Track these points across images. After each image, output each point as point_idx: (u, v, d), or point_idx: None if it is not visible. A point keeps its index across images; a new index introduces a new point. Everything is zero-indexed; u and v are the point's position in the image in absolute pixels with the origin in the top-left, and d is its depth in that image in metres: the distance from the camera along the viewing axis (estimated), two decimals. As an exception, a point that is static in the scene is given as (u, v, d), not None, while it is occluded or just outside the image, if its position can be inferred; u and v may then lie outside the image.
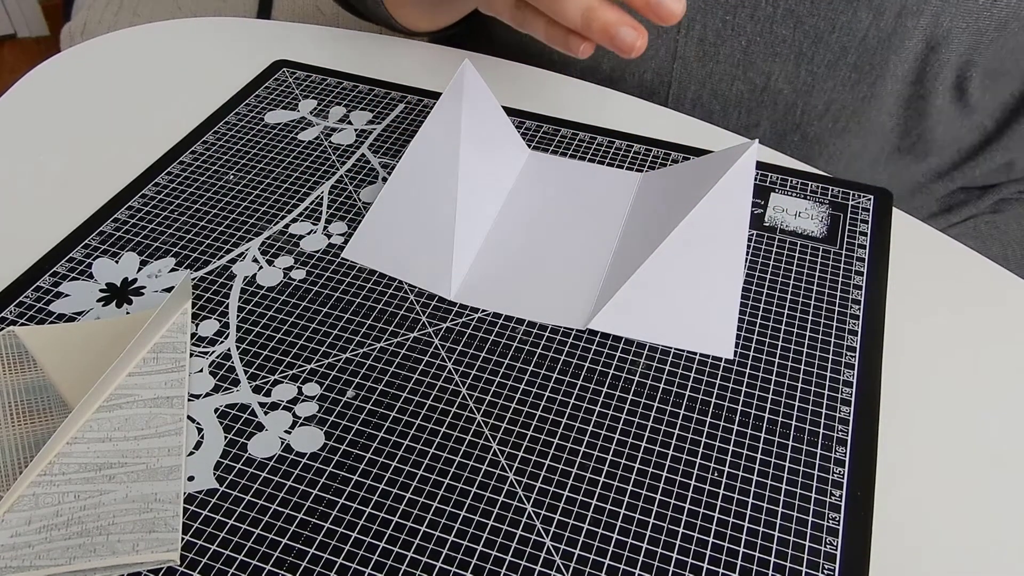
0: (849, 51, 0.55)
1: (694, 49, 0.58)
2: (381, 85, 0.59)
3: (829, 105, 0.58)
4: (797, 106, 0.59)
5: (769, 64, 0.57)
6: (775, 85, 0.58)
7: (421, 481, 0.37)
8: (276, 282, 0.45)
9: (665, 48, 0.59)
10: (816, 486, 0.37)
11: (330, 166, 0.53)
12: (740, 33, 0.56)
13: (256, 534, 0.35)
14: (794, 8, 0.54)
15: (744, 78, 0.58)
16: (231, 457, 0.38)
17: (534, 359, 0.42)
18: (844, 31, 0.54)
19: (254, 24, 0.67)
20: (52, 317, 0.43)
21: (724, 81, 0.59)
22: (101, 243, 0.48)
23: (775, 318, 0.44)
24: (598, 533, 0.35)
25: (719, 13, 0.56)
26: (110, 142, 0.55)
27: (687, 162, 0.50)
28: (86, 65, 0.62)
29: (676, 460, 0.38)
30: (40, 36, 2.05)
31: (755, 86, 0.59)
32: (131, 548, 0.34)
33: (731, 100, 0.60)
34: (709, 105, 0.61)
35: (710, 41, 0.57)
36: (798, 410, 0.40)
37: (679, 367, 0.42)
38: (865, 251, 0.47)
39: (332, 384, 0.41)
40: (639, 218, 0.48)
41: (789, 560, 0.34)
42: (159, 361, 0.41)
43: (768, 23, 0.55)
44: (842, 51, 0.55)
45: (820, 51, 0.55)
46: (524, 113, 0.57)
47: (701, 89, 0.60)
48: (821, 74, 0.57)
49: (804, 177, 0.52)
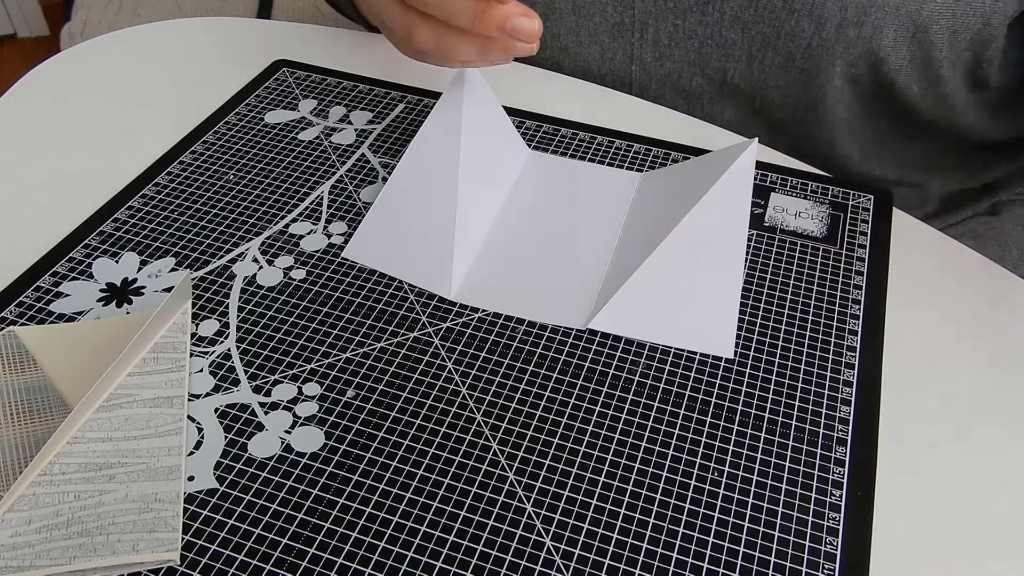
0: (796, 55, 0.55)
1: (650, 51, 0.59)
2: (381, 85, 0.59)
3: (785, 99, 0.58)
4: (755, 98, 0.59)
5: (723, 63, 0.58)
6: (732, 81, 0.59)
7: (421, 481, 0.37)
8: (276, 282, 0.45)
9: (622, 51, 0.59)
10: (816, 486, 0.37)
11: (330, 166, 0.53)
12: (692, 36, 0.57)
13: (256, 534, 0.35)
14: (740, 15, 0.55)
15: (702, 74, 0.59)
16: (231, 457, 0.38)
17: (534, 359, 0.42)
18: (788, 38, 0.55)
19: (254, 24, 0.67)
20: (52, 317, 0.43)
21: (684, 78, 0.60)
22: (101, 243, 0.48)
23: (775, 318, 0.44)
24: (598, 533, 0.35)
25: (670, 18, 0.57)
26: (110, 142, 0.55)
27: (687, 162, 0.50)
28: (86, 65, 0.62)
29: (676, 460, 0.38)
30: (40, 36, 2.05)
31: (713, 81, 0.59)
32: (131, 548, 0.34)
33: (692, 94, 0.61)
34: (672, 100, 0.61)
35: (664, 43, 0.58)
36: (798, 410, 0.40)
37: (679, 367, 0.42)
38: (865, 251, 0.47)
39: (332, 384, 0.41)
40: (639, 218, 0.48)
41: (789, 560, 0.34)
42: (159, 361, 0.41)
43: (717, 27, 0.56)
44: (789, 56, 0.56)
45: (769, 54, 0.56)
46: (524, 113, 0.57)
47: (662, 87, 0.61)
48: (773, 74, 0.57)
49: (804, 177, 0.52)
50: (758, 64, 0.57)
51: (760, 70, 0.57)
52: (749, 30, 0.55)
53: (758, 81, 0.58)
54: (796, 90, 0.57)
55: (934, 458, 0.38)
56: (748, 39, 0.56)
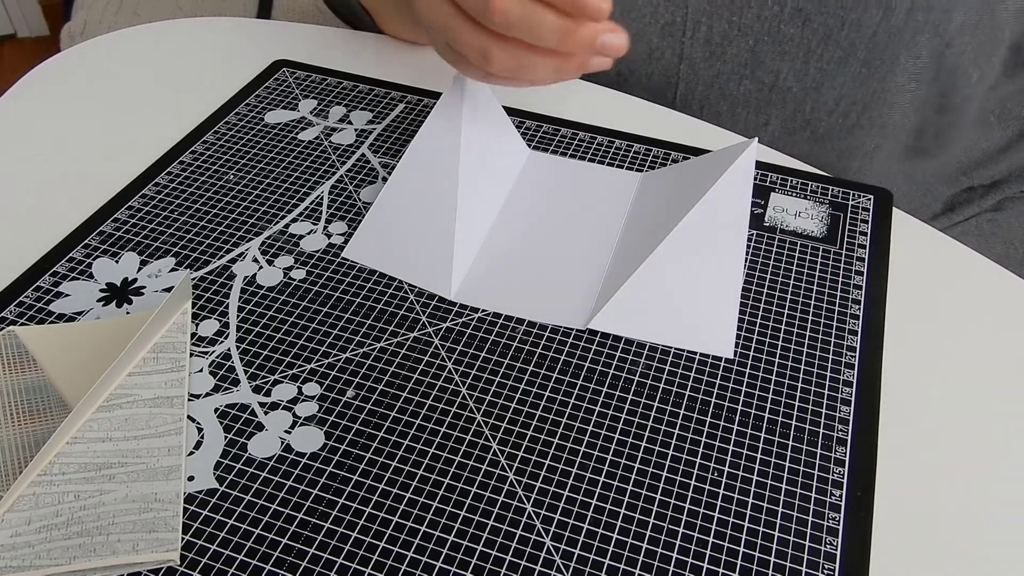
0: (859, 47, 0.54)
1: (700, 50, 0.58)
2: (381, 85, 0.59)
3: (839, 101, 0.57)
4: (806, 103, 0.58)
5: (777, 63, 0.57)
6: (783, 83, 0.57)
7: (421, 481, 0.37)
8: (276, 282, 0.45)
9: (671, 50, 0.58)
10: (816, 486, 0.37)
11: (330, 166, 0.53)
12: (747, 33, 0.56)
13: (256, 534, 0.35)
14: (802, 7, 0.54)
15: (752, 77, 0.58)
16: (231, 457, 0.38)
17: (534, 359, 0.42)
18: (853, 28, 0.54)
19: (254, 24, 0.67)
20: (52, 317, 0.43)
21: (732, 81, 0.58)
22: (101, 243, 0.47)
23: (775, 318, 0.44)
24: (598, 533, 0.35)
25: (725, 14, 0.56)
26: (110, 142, 0.55)
27: (687, 162, 0.50)
28: (86, 65, 0.62)
29: (676, 460, 0.38)
30: (40, 36, 2.05)
31: (763, 84, 0.58)
32: (131, 548, 0.34)
33: (739, 99, 0.59)
34: (717, 105, 0.60)
35: (716, 42, 0.57)
36: (798, 410, 0.40)
37: (679, 367, 0.41)
38: (865, 251, 0.47)
39: (332, 384, 0.41)
40: (639, 218, 0.48)
41: (789, 560, 0.34)
42: (159, 361, 0.41)
43: (775, 22, 0.55)
44: (851, 47, 0.54)
45: (829, 48, 0.55)
46: (524, 113, 0.57)
47: (708, 90, 0.59)
48: (831, 71, 0.56)
49: (804, 177, 0.52)
50: (816, 61, 0.56)
51: (817, 68, 0.56)
52: (811, 22, 0.54)
53: (813, 80, 0.57)
54: (852, 89, 0.56)
55: (934, 458, 0.38)
56: (808, 33, 0.55)
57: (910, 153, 0.62)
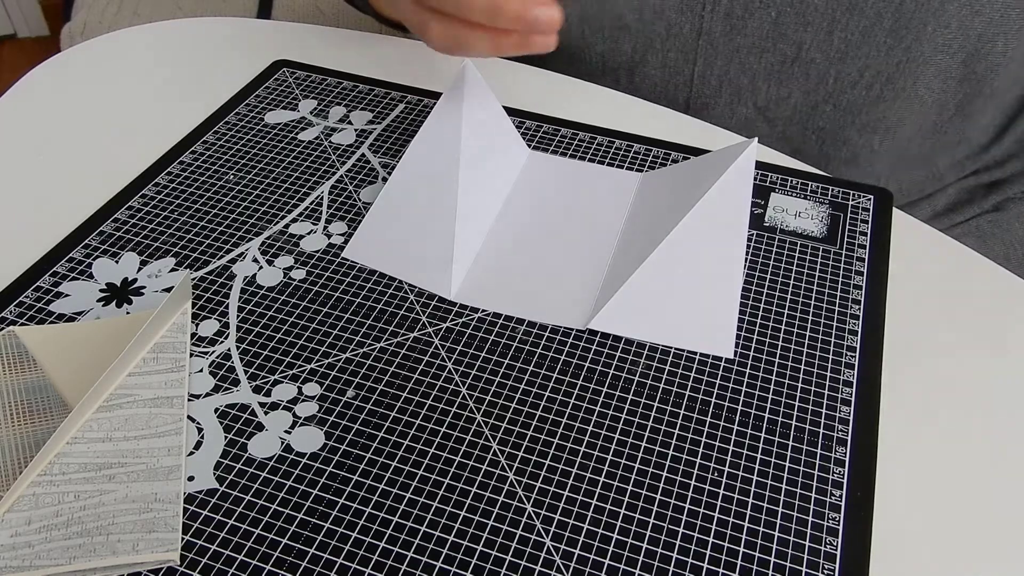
0: (885, 16, 0.53)
1: (720, 24, 0.56)
2: (381, 85, 0.59)
3: (863, 72, 0.56)
4: (830, 75, 0.57)
5: (800, 34, 0.55)
6: (806, 55, 0.56)
7: (421, 481, 0.37)
8: (276, 282, 0.45)
9: (690, 25, 0.57)
10: (816, 486, 0.37)
11: (330, 166, 0.53)
12: (769, 4, 0.54)
13: (256, 534, 0.35)
14: None
15: (774, 49, 0.56)
16: (231, 457, 0.38)
17: (534, 359, 0.42)
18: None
19: (254, 24, 0.67)
20: (52, 317, 0.43)
21: (752, 54, 0.57)
22: (101, 243, 0.48)
23: (775, 318, 0.44)
24: (598, 533, 0.35)
25: None
26: (110, 142, 0.55)
27: (686, 162, 0.50)
28: (86, 65, 0.62)
29: (676, 460, 0.38)
30: (40, 36, 2.05)
31: (785, 57, 0.57)
32: (131, 548, 0.34)
33: (760, 73, 0.58)
34: (737, 80, 0.59)
35: (737, 15, 0.55)
36: (798, 410, 0.40)
37: (679, 367, 0.41)
38: (865, 251, 0.47)
39: (332, 384, 0.41)
40: (639, 218, 0.48)
41: (789, 560, 0.34)
42: (159, 361, 0.41)
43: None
44: (877, 16, 0.53)
45: (855, 18, 0.53)
46: (524, 113, 0.57)
47: (728, 64, 0.58)
48: (855, 41, 0.54)
49: (804, 177, 0.52)
50: (840, 31, 0.54)
51: (842, 39, 0.54)
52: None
53: (837, 51, 0.55)
54: (877, 60, 0.55)
55: (934, 458, 0.38)
56: (834, 2, 0.53)
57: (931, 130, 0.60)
